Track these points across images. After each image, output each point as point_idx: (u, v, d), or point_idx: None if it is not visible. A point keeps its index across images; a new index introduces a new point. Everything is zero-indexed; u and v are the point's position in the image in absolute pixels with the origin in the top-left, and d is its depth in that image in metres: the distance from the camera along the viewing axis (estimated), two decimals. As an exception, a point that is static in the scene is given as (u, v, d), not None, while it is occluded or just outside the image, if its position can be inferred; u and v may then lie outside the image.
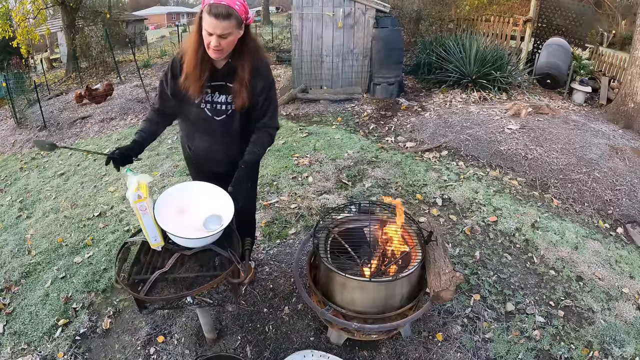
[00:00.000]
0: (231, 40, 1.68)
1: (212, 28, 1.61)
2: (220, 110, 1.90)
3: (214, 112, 1.90)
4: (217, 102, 1.88)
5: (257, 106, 1.91)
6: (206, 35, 1.66)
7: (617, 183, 3.79)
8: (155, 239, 1.80)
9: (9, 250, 3.36)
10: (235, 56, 1.79)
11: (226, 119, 1.91)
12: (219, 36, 1.63)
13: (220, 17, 1.59)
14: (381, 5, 6.41)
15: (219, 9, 1.58)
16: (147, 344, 2.30)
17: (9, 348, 2.39)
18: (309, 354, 1.98)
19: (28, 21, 9.76)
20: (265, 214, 3.43)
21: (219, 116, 1.91)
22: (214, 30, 1.61)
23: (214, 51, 1.69)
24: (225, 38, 1.65)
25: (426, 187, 3.79)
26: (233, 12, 1.61)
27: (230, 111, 1.90)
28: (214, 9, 1.58)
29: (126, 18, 18.14)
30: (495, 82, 6.18)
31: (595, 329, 2.37)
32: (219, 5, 1.59)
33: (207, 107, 1.90)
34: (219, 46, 1.66)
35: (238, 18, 1.64)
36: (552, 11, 7.53)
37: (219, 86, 1.86)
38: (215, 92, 1.87)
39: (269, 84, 1.91)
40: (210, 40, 1.65)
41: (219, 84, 1.85)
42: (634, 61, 5.21)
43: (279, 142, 4.88)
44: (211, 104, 1.89)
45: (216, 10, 1.58)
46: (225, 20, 1.60)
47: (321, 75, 6.79)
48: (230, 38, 1.67)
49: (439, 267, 1.93)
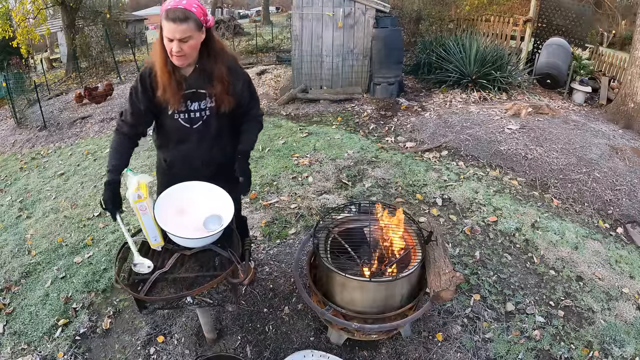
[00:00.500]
0: (192, 44, 1.66)
1: (172, 33, 1.59)
2: (195, 118, 1.87)
3: (189, 120, 1.87)
4: (191, 110, 1.85)
5: (243, 102, 1.93)
6: (167, 43, 1.64)
7: (617, 183, 3.79)
8: (155, 239, 1.80)
9: (9, 250, 3.36)
10: (204, 61, 1.77)
11: (202, 125, 1.89)
12: (180, 41, 1.61)
13: (178, 21, 1.57)
14: (381, 5, 6.41)
15: (176, 13, 1.57)
16: (147, 344, 2.30)
17: (9, 348, 2.39)
18: (309, 354, 1.98)
19: (28, 21, 9.76)
20: (265, 214, 3.43)
21: (195, 124, 1.88)
22: (174, 35, 1.60)
23: (176, 58, 1.67)
24: (186, 42, 1.63)
25: (426, 187, 3.79)
26: (191, 14, 1.60)
27: (205, 117, 1.88)
28: (171, 13, 1.57)
29: (126, 18, 18.14)
30: (495, 82, 6.18)
31: (595, 329, 2.37)
32: (176, 9, 1.58)
33: (181, 117, 1.85)
34: (181, 51, 1.64)
35: (197, 20, 1.62)
36: (552, 11, 7.53)
37: (190, 94, 1.82)
38: (187, 101, 1.83)
39: (247, 79, 1.94)
40: (171, 47, 1.63)
41: (190, 92, 1.82)
42: (634, 61, 5.21)
43: (279, 142, 4.88)
44: (185, 112, 1.85)
45: (173, 15, 1.57)
46: (183, 23, 1.58)
47: (321, 75, 6.79)
48: (192, 42, 1.65)
49: (439, 267, 1.93)
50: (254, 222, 3.34)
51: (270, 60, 11.01)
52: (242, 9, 43.81)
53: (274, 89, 7.96)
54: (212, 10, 15.28)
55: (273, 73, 9.00)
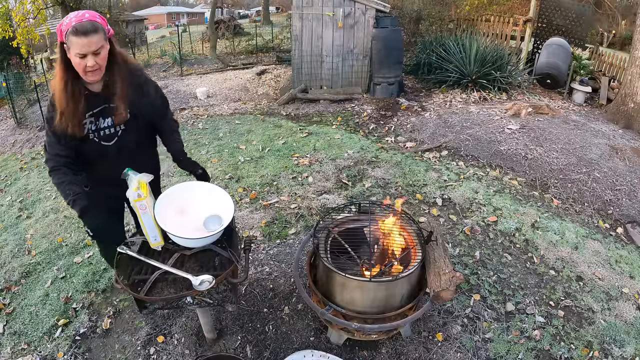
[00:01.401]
0: (104, 55, 1.63)
1: (85, 47, 1.54)
2: (110, 135, 1.81)
3: (104, 138, 1.81)
4: (104, 127, 1.79)
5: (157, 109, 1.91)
6: (78, 61, 1.57)
7: (617, 183, 3.79)
8: (155, 239, 1.80)
9: (9, 250, 3.36)
10: (111, 73, 1.72)
11: (118, 141, 1.83)
12: (94, 54, 1.57)
13: (89, 33, 1.54)
14: (381, 5, 6.41)
15: (85, 26, 1.54)
16: (147, 344, 2.30)
17: (9, 348, 2.39)
18: (309, 354, 1.98)
19: (28, 21, 9.75)
20: (265, 214, 3.43)
21: (110, 141, 1.82)
22: (88, 48, 1.55)
23: (91, 73, 1.62)
24: (99, 54, 1.59)
25: (426, 187, 3.78)
26: (99, 25, 1.58)
27: (120, 132, 1.82)
28: (80, 27, 1.53)
29: (126, 18, 18.14)
30: (495, 82, 6.18)
31: (595, 329, 2.37)
32: (83, 22, 1.54)
33: (95, 137, 1.79)
34: (95, 65, 1.59)
35: (104, 30, 1.60)
36: (552, 11, 7.53)
37: (102, 110, 1.76)
38: (99, 118, 1.77)
39: (155, 84, 1.93)
40: (85, 63, 1.57)
41: (101, 108, 1.76)
42: (634, 61, 5.22)
43: (279, 142, 4.88)
44: (98, 131, 1.78)
45: (83, 28, 1.53)
46: (94, 35, 1.55)
47: (321, 75, 6.79)
48: (103, 53, 1.61)
49: (439, 267, 1.93)
50: (254, 222, 3.34)
51: (270, 60, 11.02)
52: (242, 9, 43.84)
53: (274, 89, 7.97)
54: (212, 10, 15.24)
55: (273, 73, 9.01)
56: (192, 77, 9.74)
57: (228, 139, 5.13)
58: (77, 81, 1.66)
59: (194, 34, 18.57)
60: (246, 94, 7.82)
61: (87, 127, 1.75)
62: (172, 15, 43.16)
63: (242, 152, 4.70)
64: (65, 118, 1.67)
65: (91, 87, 1.72)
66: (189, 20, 39.95)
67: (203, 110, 6.75)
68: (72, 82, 1.64)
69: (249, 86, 8.30)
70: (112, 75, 1.72)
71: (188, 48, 15.39)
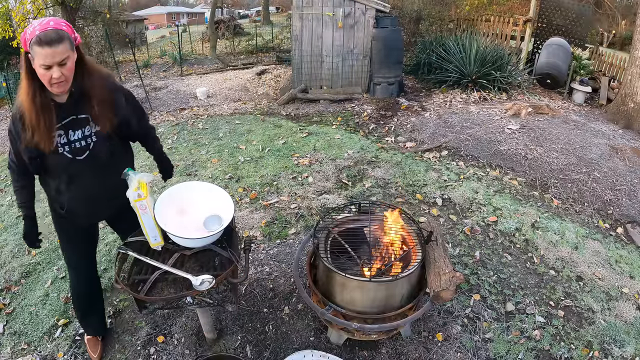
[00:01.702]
0: (70, 66, 1.53)
1: (50, 58, 1.45)
2: (81, 148, 1.69)
3: (75, 152, 1.68)
4: (74, 140, 1.67)
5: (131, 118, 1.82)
6: (44, 72, 1.48)
7: (617, 183, 3.79)
8: (155, 239, 1.80)
9: (9, 250, 3.36)
10: (79, 83, 1.62)
11: (90, 155, 1.71)
12: (60, 65, 1.48)
13: (55, 43, 1.44)
14: (381, 5, 6.41)
15: (50, 35, 1.44)
16: (147, 344, 2.30)
17: (9, 348, 2.39)
18: (309, 354, 1.98)
19: (28, 21, 9.74)
20: (265, 214, 3.43)
21: (82, 155, 1.70)
22: (53, 59, 1.45)
23: (58, 85, 1.52)
24: (66, 64, 1.50)
25: (426, 187, 3.78)
26: (64, 34, 1.48)
27: (92, 144, 1.71)
28: (44, 37, 1.44)
29: (126, 18, 18.14)
30: (495, 82, 6.18)
31: (595, 329, 2.37)
32: (47, 31, 1.45)
33: (65, 151, 1.66)
34: (62, 77, 1.50)
35: (70, 39, 1.51)
36: (552, 11, 7.53)
37: (70, 122, 1.65)
38: (68, 131, 1.65)
39: (127, 91, 1.85)
40: (50, 75, 1.48)
41: (70, 120, 1.65)
42: (634, 61, 5.22)
43: (279, 142, 4.88)
44: (68, 144, 1.66)
45: (47, 38, 1.44)
46: (59, 44, 1.46)
47: (321, 75, 6.79)
48: (69, 64, 1.52)
49: (439, 267, 1.93)
50: (254, 222, 3.34)
51: (270, 60, 11.02)
52: (242, 9, 43.87)
53: (274, 89, 7.97)
54: (212, 10, 15.25)
55: (273, 73, 9.01)
56: (192, 77, 9.74)
57: (228, 139, 5.13)
58: (44, 92, 1.57)
59: (194, 34, 18.58)
60: (246, 94, 7.82)
61: (57, 141, 1.64)
62: (172, 15, 43.17)
63: (242, 152, 4.70)
64: (36, 133, 1.57)
65: (57, 97, 1.62)
66: (189, 20, 39.96)
67: (203, 110, 6.75)
68: (39, 93, 1.55)
69: (249, 86, 8.31)
70: (79, 86, 1.62)
71: (188, 48, 15.40)
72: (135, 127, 1.86)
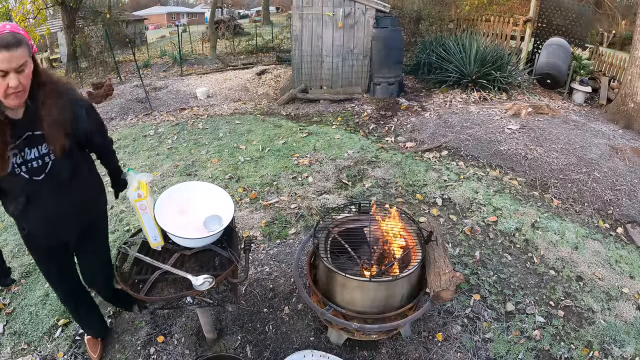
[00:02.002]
0: (28, 74, 1.40)
1: (6, 63, 1.31)
2: (38, 168, 1.54)
3: (32, 172, 1.53)
4: (30, 159, 1.52)
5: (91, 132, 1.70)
6: None
7: (617, 183, 3.79)
8: (155, 239, 1.80)
9: (9, 250, 3.36)
10: (35, 96, 1.47)
11: (49, 173, 1.56)
12: (17, 72, 1.35)
13: (12, 47, 1.32)
14: (381, 5, 6.41)
15: (7, 39, 1.32)
16: (147, 344, 2.30)
17: (9, 348, 2.39)
18: (309, 354, 1.98)
19: (28, 21, 9.75)
20: (265, 214, 3.43)
21: (40, 174, 1.55)
22: (9, 65, 1.32)
23: (16, 95, 1.38)
24: (23, 72, 1.37)
25: (426, 187, 3.79)
26: (22, 38, 1.36)
27: (50, 163, 1.55)
28: (0, 40, 1.31)
29: (126, 18, 18.14)
30: (495, 82, 6.18)
31: (595, 329, 2.37)
32: (4, 35, 1.32)
33: (22, 171, 1.51)
34: (19, 86, 1.36)
35: (27, 44, 1.39)
36: (552, 11, 7.53)
37: (26, 139, 1.49)
38: (24, 149, 1.50)
39: (87, 104, 1.69)
40: (6, 84, 1.34)
41: (25, 138, 1.49)
42: (634, 61, 5.22)
43: (279, 142, 4.88)
44: (25, 164, 1.51)
45: (4, 41, 1.31)
46: (17, 48, 1.33)
47: (321, 75, 6.79)
48: (27, 71, 1.39)
49: (439, 267, 1.93)
50: (254, 222, 3.34)
51: (270, 60, 11.03)
52: (242, 9, 43.88)
53: (274, 89, 7.97)
54: (212, 10, 15.25)
55: (273, 73, 9.02)
56: (192, 77, 9.74)
57: (228, 139, 5.13)
58: None
59: (194, 34, 18.58)
60: (246, 94, 7.83)
61: (12, 161, 1.48)
62: (172, 15, 43.18)
63: (242, 152, 4.70)
64: None
65: (9, 113, 1.46)
66: (189, 20, 39.97)
67: (203, 110, 6.75)
68: None
69: (249, 86, 8.31)
70: (35, 99, 1.48)
71: (188, 48, 15.40)
72: (97, 141, 1.76)
